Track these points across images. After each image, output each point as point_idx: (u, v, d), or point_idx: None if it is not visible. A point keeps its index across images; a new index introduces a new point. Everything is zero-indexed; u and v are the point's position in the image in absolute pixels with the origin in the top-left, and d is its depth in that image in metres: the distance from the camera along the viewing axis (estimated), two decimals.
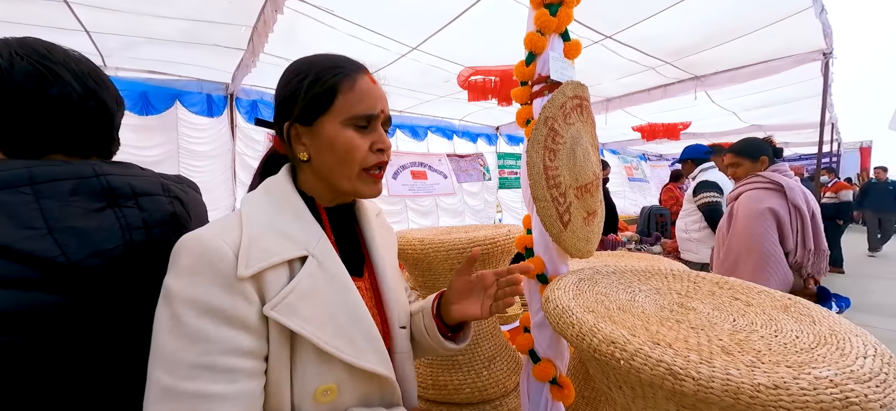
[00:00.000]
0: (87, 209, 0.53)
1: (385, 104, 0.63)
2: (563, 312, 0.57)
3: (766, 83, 3.74)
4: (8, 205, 0.48)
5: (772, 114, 5.30)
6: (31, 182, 0.50)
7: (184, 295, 0.47)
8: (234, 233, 0.51)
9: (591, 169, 0.72)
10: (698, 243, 2.66)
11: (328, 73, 0.59)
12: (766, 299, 0.63)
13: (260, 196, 0.59)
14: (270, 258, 0.51)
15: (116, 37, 2.61)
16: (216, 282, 0.48)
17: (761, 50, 3.12)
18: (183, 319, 0.46)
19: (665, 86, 3.88)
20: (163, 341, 0.47)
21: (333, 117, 0.59)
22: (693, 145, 2.87)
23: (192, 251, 0.49)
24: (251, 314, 0.50)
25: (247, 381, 0.49)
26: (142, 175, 0.61)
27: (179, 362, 0.46)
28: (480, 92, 3.27)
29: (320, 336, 0.53)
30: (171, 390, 0.45)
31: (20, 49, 0.54)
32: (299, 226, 0.58)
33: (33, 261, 0.47)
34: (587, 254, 0.74)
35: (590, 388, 1.04)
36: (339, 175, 0.60)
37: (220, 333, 0.47)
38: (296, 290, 0.52)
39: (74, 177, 0.53)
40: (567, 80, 0.70)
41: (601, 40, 2.83)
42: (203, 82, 3.59)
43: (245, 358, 0.49)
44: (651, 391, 0.47)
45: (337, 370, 0.55)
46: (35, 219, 0.48)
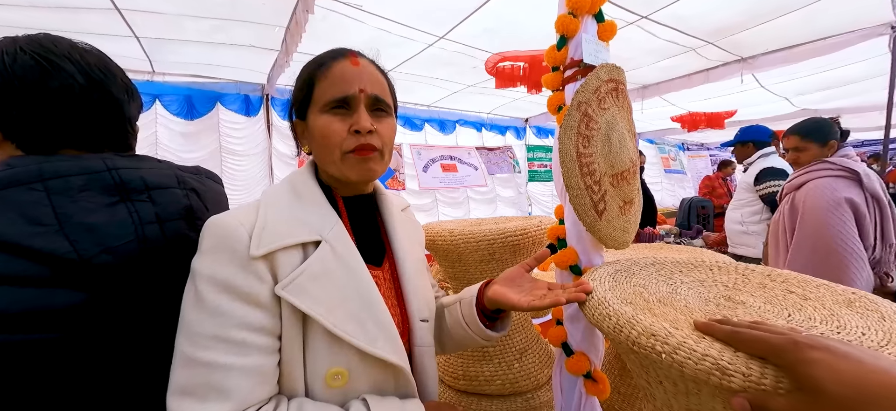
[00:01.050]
0: (99, 204, 0.53)
1: (368, 83, 0.61)
2: (598, 304, 0.55)
3: (822, 63, 3.42)
4: (19, 202, 0.48)
5: (829, 97, 4.85)
6: (42, 178, 0.50)
7: (205, 272, 0.51)
8: (252, 217, 0.55)
9: (628, 155, 0.69)
10: (758, 237, 2.39)
11: (310, 66, 0.63)
12: (826, 293, 0.58)
13: (281, 185, 0.63)
14: (282, 240, 0.54)
15: (162, 41, 2.77)
16: (232, 260, 0.51)
17: (817, 26, 2.85)
18: (203, 295, 0.50)
19: (707, 70, 3.64)
20: (187, 314, 0.51)
21: (314, 107, 0.61)
22: (753, 126, 2.57)
23: (213, 233, 0.53)
24: (263, 292, 0.52)
25: (258, 356, 0.52)
26: (156, 168, 0.61)
27: (199, 333, 0.50)
28: (509, 79, 3.21)
29: (329, 318, 0.54)
30: (191, 358, 0.49)
31: (25, 44, 0.55)
32: (315, 212, 0.60)
33: (44, 259, 0.47)
34: (623, 244, 0.71)
35: (625, 384, 1.00)
36: (324, 161, 0.62)
37: (234, 308, 0.51)
38: (306, 272, 0.55)
39: (85, 172, 0.53)
40: (601, 63, 0.68)
41: (636, 21, 2.69)
42: (241, 83, 3.76)
43: (257, 334, 0.52)
44: (695, 387, 0.45)
45: (348, 354, 0.56)
46: (46, 216, 0.48)
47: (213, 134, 3.72)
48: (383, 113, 0.64)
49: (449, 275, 1.05)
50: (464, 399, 1.01)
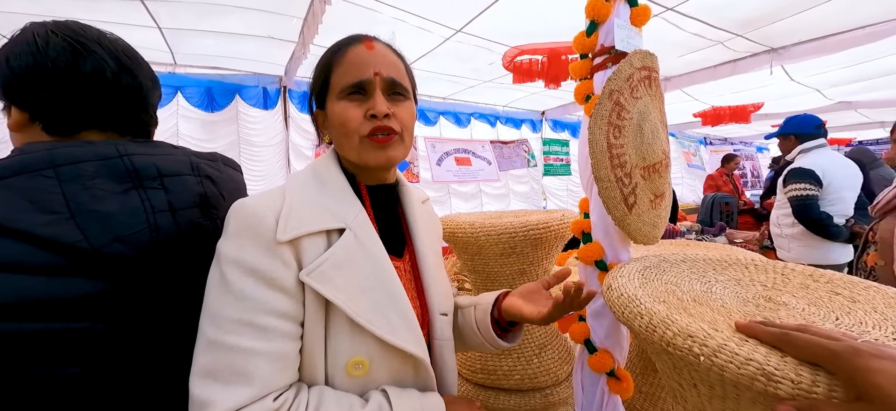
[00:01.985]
0: (111, 192, 0.52)
1: (383, 66, 0.61)
2: (629, 301, 0.53)
3: (857, 54, 3.24)
4: (29, 189, 0.47)
5: (865, 89, 4.60)
6: (53, 165, 0.49)
7: (230, 255, 0.51)
8: (278, 202, 0.55)
9: (660, 147, 0.66)
10: (791, 240, 2.24)
11: (327, 54, 0.62)
12: (877, 295, 0.54)
13: (305, 172, 0.63)
14: (307, 226, 0.54)
15: (183, 32, 2.82)
16: (259, 245, 0.51)
17: (852, 15, 2.69)
18: (228, 278, 0.50)
19: (734, 61, 3.49)
20: (212, 297, 0.51)
21: (332, 94, 0.61)
22: (798, 116, 2.32)
23: (240, 216, 0.53)
24: (288, 278, 0.52)
25: (281, 341, 0.51)
26: (170, 154, 0.60)
27: (223, 317, 0.49)
28: (526, 74, 3.15)
29: (352, 306, 0.54)
30: (214, 341, 0.49)
31: (56, 28, 0.55)
32: (339, 200, 0.60)
33: (54, 247, 0.46)
34: (653, 240, 0.68)
35: (648, 383, 0.97)
36: (344, 148, 0.62)
37: (259, 293, 0.50)
38: (330, 259, 0.54)
39: (97, 158, 0.52)
40: (634, 49, 0.64)
41: (661, 13, 2.59)
42: (260, 76, 3.80)
43: (281, 319, 0.51)
44: (735, 391, 0.42)
45: (369, 344, 0.56)
46: (57, 204, 0.47)
47: (233, 125, 3.79)
48: (401, 96, 0.63)
49: (468, 267, 1.03)
50: (482, 392, 1.00)
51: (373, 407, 0.53)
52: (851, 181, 2.13)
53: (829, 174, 2.09)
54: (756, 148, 9.60)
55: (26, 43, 0.53)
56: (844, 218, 2.12)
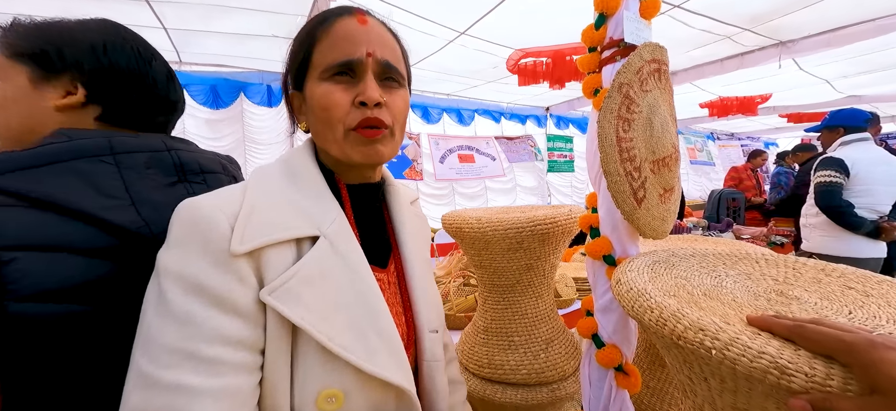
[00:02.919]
0: (161, 183, 0.53)
1: (377, 45, 0.52)
2: (638, 295, 0.53)
3: (869, 46, 3.19)
4: (90, 173, 0.48)
5: (877, 81, 4.53)
6: (113, 152, 0.50)
7: (171, 268, 0.42)
8: (236, 202, 0.45)
9: (670, 140, 0.65)
10: (813, 229, 2.23)
11: (310, 24, 0.53)
12: (891, 289, 0.54)
13: (274, 166, 0.53)
14: (272, 234, 0.45)
15: (189, 32, 2.83)
16: (206, 256, 0.42)
17: (861, 8, 2.65)
18: (168, 296, 0.41)
19: (742, 54, 3.45)
20: (147, 320, 0.41)
21: (313, 73, 0.51)
22: (846, 109, 2.30)
23: (185, 220, 0.43)
24: (245, 297, 0.43)
25: (233, 376, 0.42)
26: (204, 153, 0.63)
27: (160, 345, 0.40)
28: (531, 75, 3.14)
29: (324, 330, 0.45)
30: (149, 377, 0.39)
31: (125, 31, 0.59)
32: (313, 201, 0.50)
33: (119, 232, 0.47)
34: (662, 234, 0.68)
35: (655, 378, 0.97)
36: (324, 139, 0.52)
37: (206, 316, 0.41)
38: (299, 274, 0.45)
39: (148, 149, 0.54)
40: (643, 42, 0.64)
41: (668, 11, 2.57)
42: (264, 73, 3.82)
43: (233, 349, 0.42)
44: (747, 385, 0.42)
45: (344, 373, 0.47)
46: (118, 190, 0.49)
47: (237, 123, 3.81)
48: (395, 83, 0.54)
49: (474, 263, 1.04)
50: (488, 387, 1.01)
51: None
52: (890, 177, 2.06)
53: (858, 165, 2.07)
54: (764, 143, 9.50)
55: (130, 49, 0.57)
56: (875, 212, 2.07)
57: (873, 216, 2.07)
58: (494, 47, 3.09)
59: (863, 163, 2.09)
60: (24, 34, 0.53)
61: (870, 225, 2.05)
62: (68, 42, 0.53)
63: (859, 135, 2.16)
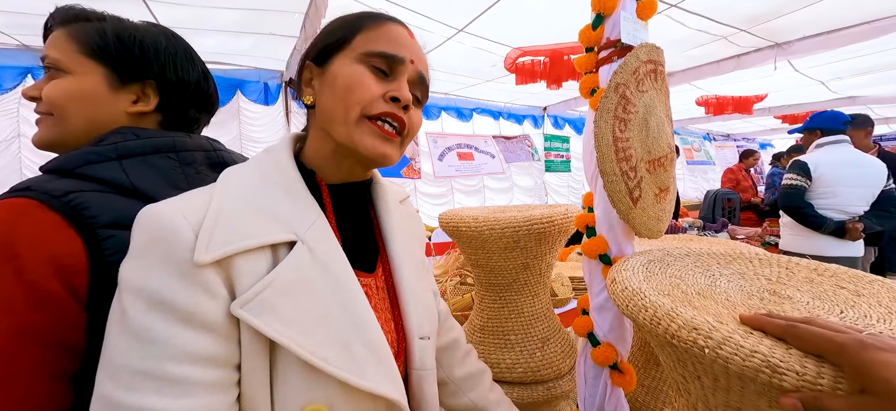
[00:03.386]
0: (211, 178, 0.58)
1: (418, 59, 0.53)
2: (633, 294, 0.53)
3: (862, 47, 3.22)
4: (161, 167, 0.55)
5: (870, 82, 4.57)
6: (175, 150, 0.58)
7: (133, 283, 0.38)
8: (200, 207, 0.42)
9: (665, 141, 0.66)
10: (784, 228, 2.38)
11: (357, 15, 0.53)
12: (882, 289, 0.54)
13: (246, 166, 0.49)
14: (242, 241, 0.41)
15: (183, 30, 2.81)
16: (168, 267, 0.38)
17: (857, 10, 2.68)
18: (129, 313, 0.38)
19: (738, 56, 3.47)
20: (111, 340, 0.39)
21: (348, 53, 0.50)
22: (826, 112, 2.38)
23: (145, 228, 0.40)
24: (214, 311, 0.40)
25: (205, 395, 0.39)
26: (233, 154, 0.70)
27: (122, 366, 0.37)
28: (529, 75, 3.15)
29: (304, 344, 0.42)
30: (111, 401, 0.36)
31: (184, 42, 0.66)
32: (289, 203, 0.47)
33: None
34: (657, 233, 0.68)
35: (650, 376, 0.98)
36: (333, 118, 0.49)
37: (171, 333, 0.38)
38: (274, 284, 0.42)
39: (199, 149, 0.61)
40: (640, 43, 0.64)
41: (665, 10, 2.58)
42: (261, 71, 3.79)
43: (203, 367, 0.39)
44: (739, 383, 0.43)
45: (329, 386, 0.44)
46: (182, 182, 0.56)
47: (234, 121, 3.79)
48: (419, 100, 0.55)
49: (471, 261, 1.04)
50: None
51: None
52: (858, 179, 2.14)
53: (821, 168, 2.17)
54: (759, 144, 9.57)
55: (195, 61, 0.65)
56: (844, 213, 2.15)
57: (842, 216, 2.14)
58: (492, 45, 3.09)
59: (828, 165, 2.17)
60: (100, 32, 0.57)
61: (832, 224, 2.13)
62: (151, 52, 0.59)
63: (834, 137, 2.23)
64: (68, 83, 0.55)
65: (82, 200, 0.47)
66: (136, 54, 0.58)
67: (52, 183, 0.47)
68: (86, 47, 0.56)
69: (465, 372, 0.74)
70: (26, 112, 2.91)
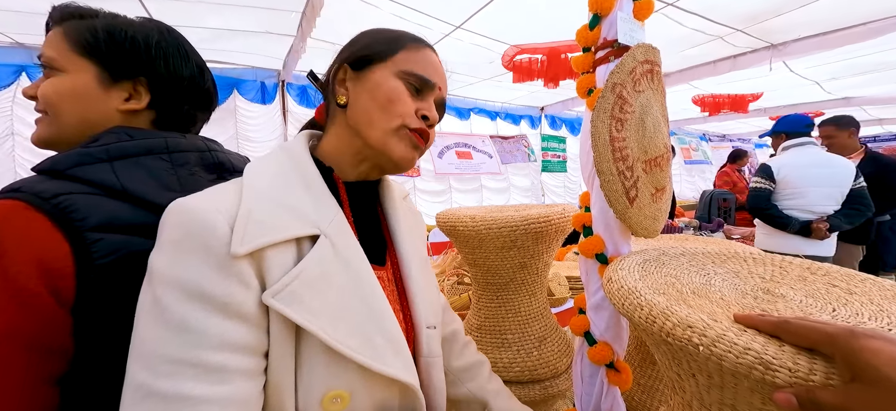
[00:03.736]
0: (206, 179, 0.60)
1: (444, 85, 0.60)
2: (628, 293, 0.53)
3: (858, 48, 3.24)
4: (153, 168, 0.55)
5: (866, 83, 4.60)
6: (168, 151, 0.57)
7: (167, 274, 0.40)
8: (231, 202, 0.44)
9: (662, 141, 0.66)
10: (758, 228, 2.49)
11: (399, 33, 0.58)
12: (873, 287, 0.55)
13: (268, 162, 0.52)
14: (273, 234, 0.43)
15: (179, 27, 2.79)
16: (207, 260, 0.40)
17: (852, 11, 2.70)
18: (165, 304, 0.39)
19: (734, 56, 3.49)
20: (143, 330, 0.40)
21: (387, 67, 0.54)
22: (789, 115, 2.50)
23: (179, 222, 0.42)
24: (248, 301, 0.42)
25: (240, 382, 0.41)
26: (231, 154, 0.69)
27: (159, 356, 0.38)
28: (526, 73, 3.15)
29: (330, 332, 0.44)
30: (147, 389, 0.38)
31: (180, 36, 0.64)
32: (311, 199, 0.50)
33: None
34: (653, 233, 0.69)
35: (646, 375, 0.99)
36: (371, 122, 0.53)
37: (209, 323, 0.39)
38: (302, 276, 0.44)
39: (195, 149, 0.60)
40: (637, 43, 0.65)
41: (661, 9, 2.59)
42: (257, 70, 3.78)
43: (239, 355, 0.41)
44: (733, 380, 0.43)
45: (350, 373, 0.47)
46: (174, 184, 0.55)
47: (230, 120, 3.77)
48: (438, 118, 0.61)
49: (468, 261, 1.04)
50: None
51: None
52: (824, 179, 2.22)
53: (784, 169, 2.29)
54: (754, 145, 9.62)
55: (189, 55, 0.64)
56: (811, 213, 2.23)
57: (809, 216, 2.23)
58: (489, 42, 3.09)
59: (791, 167, 2.27)
60: (92, 30, 0.56)
61: (797, 223, 2.23)
62: (142, 48, 0.58)
63: (798, 140, 2.33)
64: (61, 81, 0.55)
65: (71, 202, 0.46)
66: (126, 50, 0.57)
67: (42, 184, 0.47)
68: (77, 45, 0.56)
69: (463, 363, 0.76)
70: (21, 110, 2.89)
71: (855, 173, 2.20)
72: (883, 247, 2.71)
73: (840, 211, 2.20)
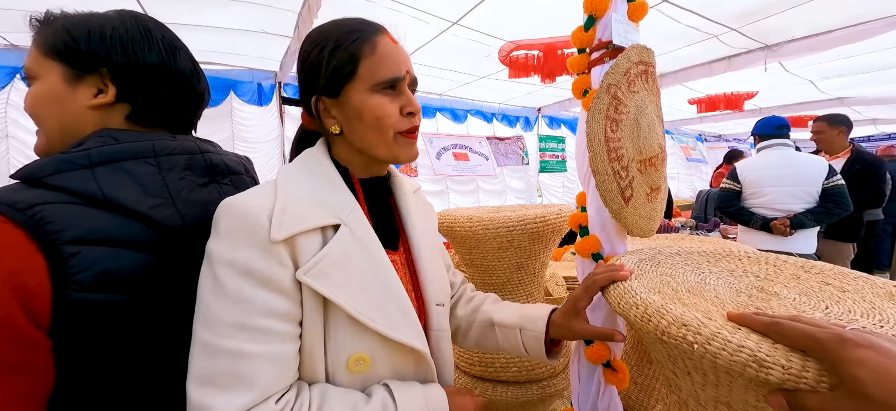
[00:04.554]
0: (196, 183, 0.58)
1: (409, 64, 0.62)
2: (624, 292, 0.54)
3: (851, 49, 3.27)
4: (138, 175, 0.52)
5: (858, 83, 4.64)
6: (155, 154, 0.55)
7: (224, 257, 0.49)
8: (269, 198, 0.53)
9: (657, 141, 0.67)
10: (738, 226, 2.62)
11: (347, 38, 0.59)
12: (866, 285, 0.56)
13: (296, 166, 0.61)
14: (303, 223, 0.52)
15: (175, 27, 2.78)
16: (253, 245, 0.49)
17: (844, 12, 2.72)
18: (222, 280, 0.48)
19: (729, 57, 3.51)
20: (205, 300, 0.49)
21: (359, 85, 0.58)
22: (764, 118, 2.59)
23: (230, 215, 0.51)
24: (285, 277, 0.51)
25: (282, 343, 0.51)
26: (228, 155, 0.67)
27: (219, 320, 0.48)
28: (522, 69, 3.15)
29: (352, 304, 0.53)
30: (212, 346, 0.48)
31: (151, 22, 0.59)
32: (333, 194, 0.59)
33: (158, 228, 0.52)
34: (649, 233, 0.69)
35: (643, 375, 0.99)
36: (374, 143, 0.60)
37: (256, 295, 0.49)
38: (328, 257, 0.53)
39: (185, 152, 0.58)
40: (631, 44, 0.65)
41: (657, 5, 2.61)
42: (254, 71, 3.77)
43: (280, 321, 0.50)
44: (727, 378, 0.44)
45: (370, 340, 0.55)
46: (160, 189, 0.53)
47: (227, 122, 3.75)
48: (414, 92, 0.64)
49: (466, 261, 1.04)
50: (479, 384, 1.01)
51: (376, 403, 0.53)
52: (786, 179, 2.32)
53: (746, 172, 2.45)
54: (749, 145, 9.69)
55: (153, 39, 0.58)
56: (777, 210, 2.33)
57: (774, 213, 2.33)
58: (486, 38, 3.09)
59: (754, 169, 2.42)
60: (55, 30, 0.54)
61: (759, 220, 2.36)
62: (97, 39, 0.55)
63: (769, 142, 2.42)
64: (37, 87, 0.54)
65: (47, 213, 0.44)
66: (84, 43, 0.54)
67: (18, 193, 0.45)
68: (43, 48, 0.54)
69: (472, 306, 0.83)
70: (14, 113, 2.86)
71: (827, 172, 2.24)
72: (876, 245, 2.75)
73: (809, 209, 2.26)
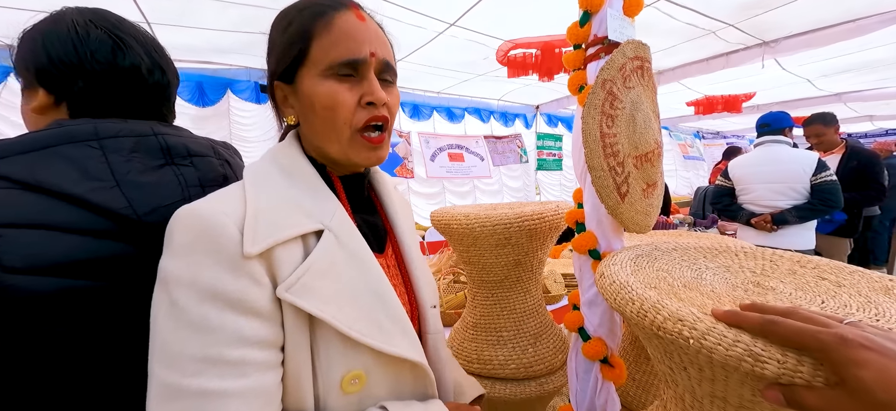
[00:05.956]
0: (148, 166, 0.55)
1: (379, 46, 0.52)
2: (621, 288, 0.54)
3: (848, 45, 3.28)
4: (77, 158, 0.50)
5: (855, 79, 4.66)
6: (97, 137, 0.52)
7: (183, 278, 0.41)
8: (237, 205, 0.45)
9: (652, 136, 0.66)
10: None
11: (303, 15, 0.51)
12: (861, 280, 0.56)
13: (265, 164, 0.53)
14: (281, 232, 0.45)
15: (173, 27, 2.77)
16: (219, 262, 0.41)
17: (840, 7, 2.73)
18: (183, 305, 0.41)
19: (727, 54, 3.51)
20: (162, 332, 0.41)
21: (311, 68, 0.50)
22: (768, 113, 2.61)
23: (189, 227, 0.43)
24: (261, 297, 0.43)
25: (259, 375, 0.43)
26: (194, 137, 0.64)
27: (181, 355, 0.40)
28: (520, 67, 3.15)
29: (342, 319, 0.47)
30: (174, 387, 0.40)
31: (95, 18, 0.57)
32: (311, 196, 0.51)
33: (102, 212, 0.49)
34: (645, 228, 0.69)
35: (641, 371, 0.99)
36: (326, 139, 0.52)
37: (225, 321, 0.41)
38: (312, 269, 0.46)
39: (134, 134, 0.55)
40: (627, 39, 0.65)
41: (654, 3, 2.61)
42: (251, 70, 3.76)
43: (256, 349, 0.43)
44: (723, 373, 0.44)
45: (364, 355, 0.49)
46: (103, 173, 0.50)
47: (224, 120, 3.75)
48: (390, 83, 0.55)
49: (463, 259, 1.04)
50: (477, 382, 1.01)
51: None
52: (770, 176, 2.38)
53: (735, 169, 2.53)
54: (748, 141, 9.71)
55: (66, 31, 0.55)
56: (763, 206, 2.39)
57: (759, 209, 2.39)
58: (484, 38, 3.09)
59: (742, 166, 2.51)
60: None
61: (744, 216, 2.43)
62: (28, 48, 0.55)
63: (763, 138, 2.47)
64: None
65: None
66: (19, 55, 0.55)
67: None
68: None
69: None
70: (7, 111, 2.86)
71: (815, 168, 2.23)
72: (873, 240, 2.77)
73: (795, 206, 2.26)
